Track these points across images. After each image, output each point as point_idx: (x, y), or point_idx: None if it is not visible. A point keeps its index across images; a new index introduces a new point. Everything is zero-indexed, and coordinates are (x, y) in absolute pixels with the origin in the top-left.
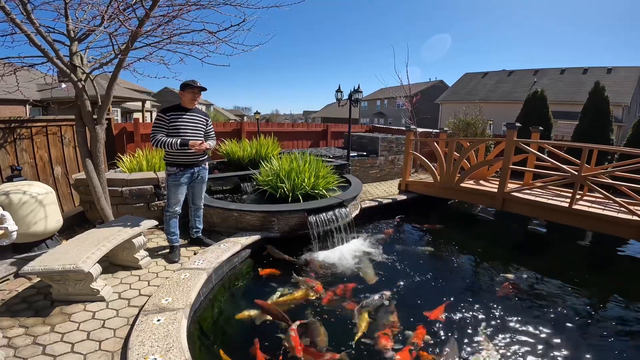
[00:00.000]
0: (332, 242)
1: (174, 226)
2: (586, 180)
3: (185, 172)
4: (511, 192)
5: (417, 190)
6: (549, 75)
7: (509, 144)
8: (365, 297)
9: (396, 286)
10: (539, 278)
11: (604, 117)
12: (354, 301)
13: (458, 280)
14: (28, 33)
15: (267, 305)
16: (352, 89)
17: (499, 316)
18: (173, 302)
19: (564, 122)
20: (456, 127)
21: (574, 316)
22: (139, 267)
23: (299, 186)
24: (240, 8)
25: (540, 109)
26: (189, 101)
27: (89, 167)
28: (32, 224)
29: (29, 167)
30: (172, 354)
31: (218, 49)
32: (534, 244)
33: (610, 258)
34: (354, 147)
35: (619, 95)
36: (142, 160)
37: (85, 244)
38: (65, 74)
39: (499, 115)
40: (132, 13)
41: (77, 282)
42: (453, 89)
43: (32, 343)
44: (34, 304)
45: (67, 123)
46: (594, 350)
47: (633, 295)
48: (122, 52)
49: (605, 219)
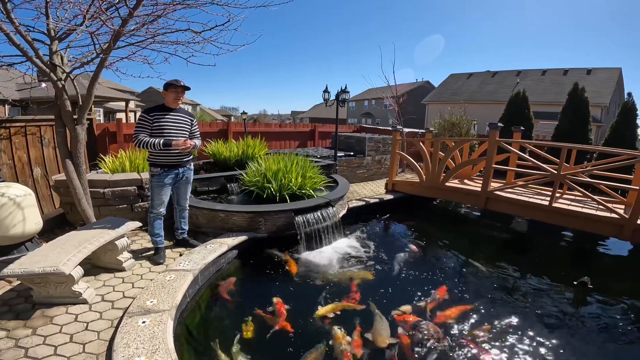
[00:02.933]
0: (319, 242)
1: (159, 227)
2: (565, 178)
3: (169, 173)
4: (494, 191)
5: (404, 190)
6: (531, 76)
7: (491, 144)
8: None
9: (384, 288)
10: (521, 275)
11: (583, 117)
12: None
13: (440, 275)
14: (7, 32)
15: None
16: (340, 90)
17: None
18: (158, 304)
19: (545, 122)
20: (442, 127)
21: (554, 311)
22: (123, 269)
23: (286, 186)
24: (226, 7)
25: (522, 110)
26: (173, 101)
27: (69, 167)
28: (11, 227)
29: (7, 168)
30: (158, 356)
31: (204, 49)
32: (516, 241)
33: (590, 254)
34: (342, 147)
35: (598, 96)
36: (125, 161)
37: (66, 246)
38: (45, 73)
39: (483, 116)
40: (115, 12)
41: (58, 284)
42: (439, 90)
43: (14, 346)
44: (14, 307)
45: (47, 123)
46: (574, 345)
47: (612, 291)
48: (104, 52)
49: (584, 217)
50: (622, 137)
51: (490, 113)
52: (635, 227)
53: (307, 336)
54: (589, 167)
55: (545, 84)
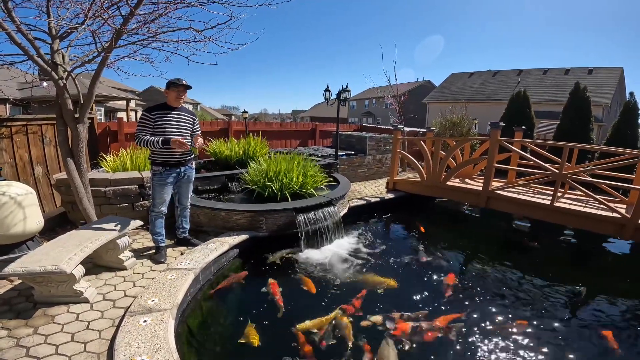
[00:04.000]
0: (320, 241)
1: (160, 226)
2: (567, 178)
3: (171, 172)
4: (495, 190)
5: (405, 189)
6: (533, 75)
7: (492, 143)
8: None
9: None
10: (523, 273)
11: (584, 116)
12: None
13: (440, 274)
14: (9, 31)
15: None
16: (341, 89)
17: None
18: (160, 303)
19: (546, 121)
20: (443, 126)
21: (554, 310)
22: (124, 268)
23: (287, 185)
24: (228, 6)
25: (523, 109)
26: (174, 99)
27: (71, 166)
28: (12, 226)
29: (8, 167)
30: (159, 355)
31: (205, 48)
32: (517, 240)
33: (591, 254)
34: (343, 146)
35: (600, 96)
36: (126, 160)
37: (67, 245)
38: (46, 72)
39: (484, 115)
40: (116, 11)
41: (59, 283)
42: (440, 89)
43: (16, 345)
44: (15, 306)
45: (48, 122)
46: (575, 344)
47: (612, 291)
48: (105, 51)
49: (585, 216)
50: (623, 137)
51: (491, 112)
52: (637, 227)
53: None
54: (591, 167)
55: (547, 83)
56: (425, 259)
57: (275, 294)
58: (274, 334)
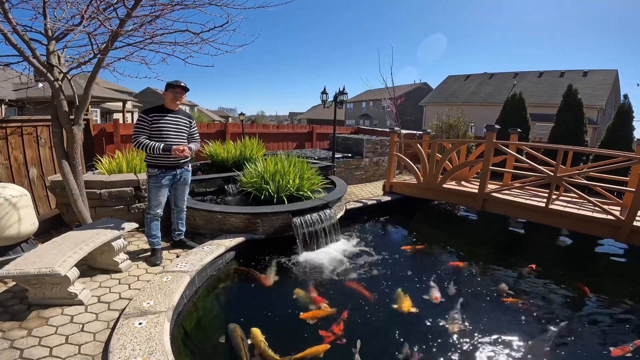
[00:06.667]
0: (317, 243)
1: (156, 229)
2: (562, 180)
3: (167, 174)
4: (491, 192)
5: (401, 192)
6: (528, 78)
7: (488, 146)
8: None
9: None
10: (518, 276)
11: (578, 119)
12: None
13: (433, 276)
14: (4, 32)
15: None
16: (338, 91)
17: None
18: (155, 305)
19: (541, 123)
20: (439, 129)
21: (550, 312)
22: (119, 270)
23: (284, 188)
24: (225, 8)
25: (519, 111)
26: (171, 101)
27: (66, 168)
28: (6, 228)
29: (3, 169)
30: (155, 357)
31: (202, 50)
32: (513, 243)
33: (586, 256)
34: (339, 149)
35: (594, 98)
36: (122, 162)
37: (61, 247)
38: (42, 73)
39: (480, 117)
40: (112, 12)
41: (53, 285)
42: (437, 91)
43: (9, 347)
44: (9, 308)
45: (43, 123)
46: (569, 347)
47: (608, 292)
48: (102, 52)
49: (580, 218)
50: (618, 139)
51: (487, 115)
52: (631, 229)
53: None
54: (585, 169)
55: (542, 86)
56: (415, 257)
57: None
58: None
